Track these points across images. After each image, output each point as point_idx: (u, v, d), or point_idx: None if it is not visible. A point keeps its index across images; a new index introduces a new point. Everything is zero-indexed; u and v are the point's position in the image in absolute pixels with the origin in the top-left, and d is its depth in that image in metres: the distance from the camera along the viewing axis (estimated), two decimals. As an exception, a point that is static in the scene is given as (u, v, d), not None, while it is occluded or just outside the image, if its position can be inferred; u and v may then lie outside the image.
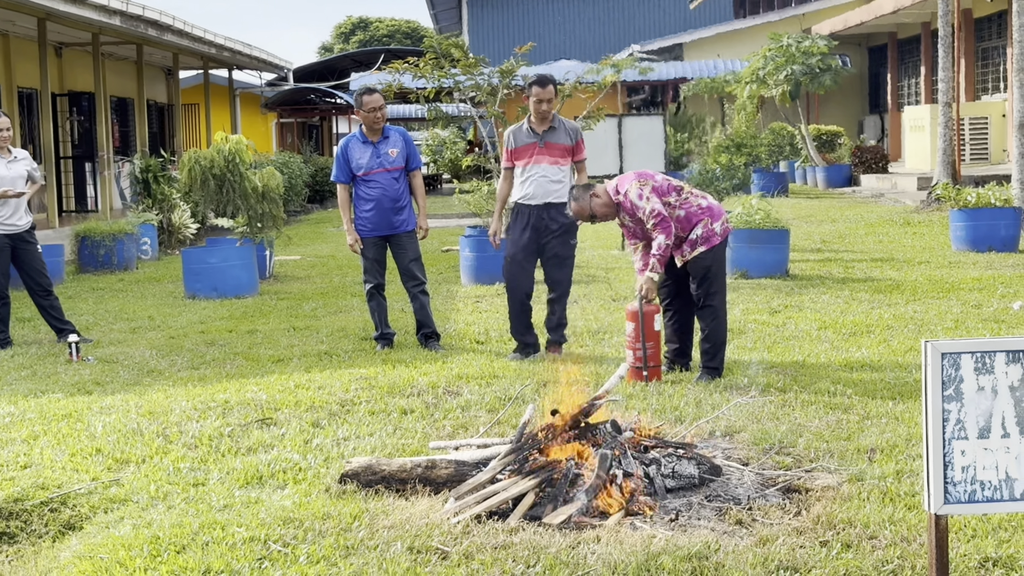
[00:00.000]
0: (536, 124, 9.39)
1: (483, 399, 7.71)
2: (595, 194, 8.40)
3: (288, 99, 40.85)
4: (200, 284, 13.83)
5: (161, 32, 22.98)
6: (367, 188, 9.84)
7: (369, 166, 9.82)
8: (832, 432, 6.67)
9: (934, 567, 3.10)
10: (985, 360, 3.09)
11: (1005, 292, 11.96)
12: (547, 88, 9.24)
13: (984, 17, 28.19)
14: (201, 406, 7.72)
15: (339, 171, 9.97)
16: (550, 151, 9.35)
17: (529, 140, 9.39)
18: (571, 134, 9.44)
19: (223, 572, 4.75)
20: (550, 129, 9.37)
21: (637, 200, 8.19)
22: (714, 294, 8.32)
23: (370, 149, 9.85)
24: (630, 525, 5.24)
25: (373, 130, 9.88)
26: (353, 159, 9.86)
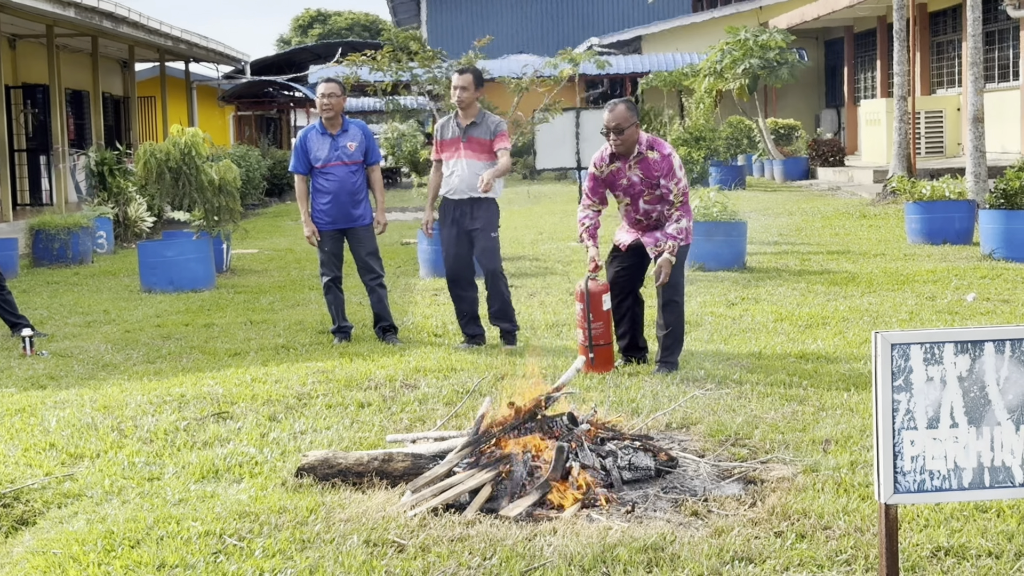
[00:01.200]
0: (462, 118, 9.40)
1: (440, 392, 7.70)
2: (636, 126, 8.18)
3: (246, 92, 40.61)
4: (156, 278, 13.74)
5: (116, 24, 22.80)
6: (324, 180, 9.81)
7: (327, 158, 9.78)
8: (788, 423, 6.71)
9: (884, 556, 3.13)
10: (934, 351, 3.11)
11: (959, 284, 12.07)
12: (464, 76, 9.32)
13: (939, 11, 28.41)
14: (157, 400, 7.68)
15: (297, 162, 9.93)
16: (471, 146, 9.34)
17: (454, 134, 9.42)
18: (491, 128, 9.37)
19: (177, 567, 4.73)
20: (472, 124, 9.35)
21: (678, 170, 8.16)
22: (676, 292, 8.33)
23: (329, 141, 9.82)
24: (586, 517, 5.25)
25: (331, 120, 9.84)
26: (311, 150, 9.83)
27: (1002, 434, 3.19)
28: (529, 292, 12.47)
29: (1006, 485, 3.20)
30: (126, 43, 26.52)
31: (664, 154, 8.13)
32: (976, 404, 3.16)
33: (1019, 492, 3.20)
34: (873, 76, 32.92)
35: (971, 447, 3.17)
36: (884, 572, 3.14)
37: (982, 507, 5.18)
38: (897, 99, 22.26)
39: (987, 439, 3.18)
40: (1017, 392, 3.16)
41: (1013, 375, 3.15)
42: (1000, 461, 3.20)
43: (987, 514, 5.11)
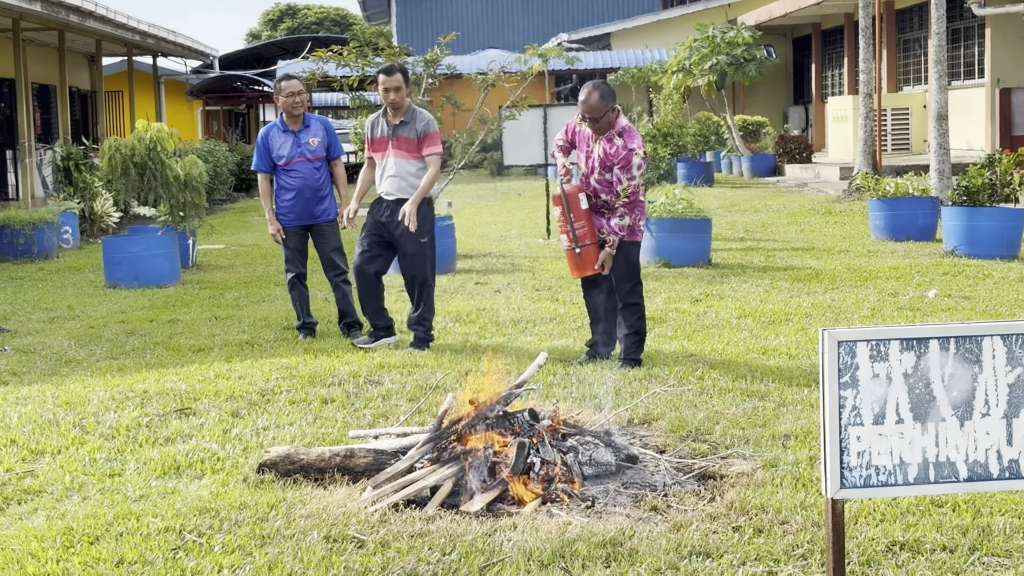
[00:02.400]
0: (391, 116, 9.16)
1: (404, 388, 7.72)
2: (614, 109, 8.15)
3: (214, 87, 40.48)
4: (121, 273, 13.69)
5: (83, 18, 22.68)
6: (288, 178, 9.80)
7: (290, 155, 9.78)
8: (748, 419, 6.76)
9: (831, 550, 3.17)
10: (880, 348, 3.15)
11: (921, 281, 12.16)
12: (394, 76, 9.02)
13: (905, 8, 28.58)
14: (119, 396, 7.67)
15: (259, 160, 9.91)
16: (400, 145, 9.10)
17: (384, 133, 9.19)
18: (419, 129, 9.12)
19: (136, 563, 4.73)
20: (402, 123, 9.11)
21: (635, 169, 8.12)
22: (635, 290, 8.37)
23: (291, 138, 9.80)
24: (546, 512, 5.29)
25: (293, 117, 9.82)
26: (274, 148, 9.82)
27: (947, 430, 3.23)
28: (495, 288, 12.49)
29: (950, 480, 3.25)
30: (93, 37, 26.38)
31: (628, 147, 8.11)
32: (921, 400, 3.21)
33: (963, 487, 3.25)
34: (840, 73, 33.08)
35: (916, 443, 3.21)
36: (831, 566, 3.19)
37: (937, 502, 5.24)
38: (863, 96, 22.40)
39: (932, 435, 3.23)
40: (961, 389, 3.21)
41: (957, 372, 3.19)
42: (945, 456, 3.24)
43: (942, 509, 5.18)
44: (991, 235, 13.83)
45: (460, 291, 12.41)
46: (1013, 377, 3.24)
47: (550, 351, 8.30)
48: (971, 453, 3.25)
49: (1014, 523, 4.97)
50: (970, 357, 3.20)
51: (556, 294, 11.93)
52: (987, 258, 13.62)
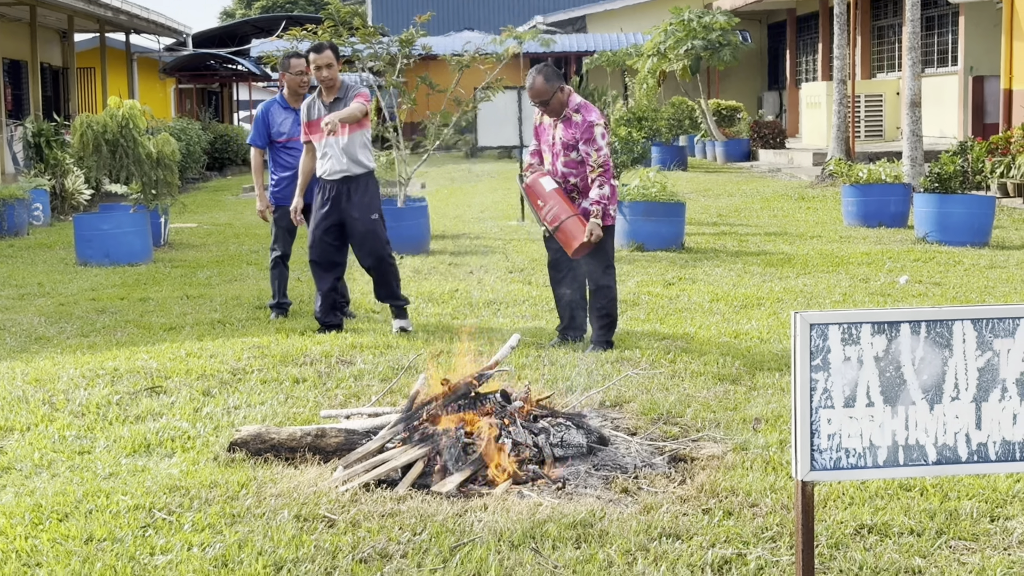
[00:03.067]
0: (325, 95, 9.02)
1: (376, 368, 7.71)
2: (562, 89, 8.15)
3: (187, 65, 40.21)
4: (92, 251, 13.62)
5: (55, -7, 22.50)
6: (287, 155, 9.76)
7: (290, 132, 9.74)
8: (719, 402, 6.79)
9: (800, 532, 3.19)
10: (851, 331, 3.17)
11: (893, 267, 12.22)
12: (324, 53, 8.90)
13: (880, -4, 28.66)
14: (89, 374, 7.63)
15: (256, 135, 9.82)
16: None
17: (320, 113, 9.00)
18: (351, 96, 8.96)
19: (105, 540, 4.72)
20: (336, 100, 8.97)
21: (599, 138, 8.10)
22: (608, 274, 8.37)
23: (292, 115, 9.75)
24: (517, 493, 5.30)
25: (296, 95, 9.79)
26: (274, 124, 9.77)
27: (916, 413, 3.25)
28: (468, 270, 12.49)
29: (919, 463, 3.27)
30: (65, 13, 26.17)
31: (588, 120, 8.11)
32: (892, 384, 3.22)
33: (932, 470, 3.27)
34: (815, 59, 33.15)
35: (886, 426, 3.23)
36: (800, 548, 3.20)
37: (905, 485, 5.28)
38: (837, 82, 22.45)
39: (902, 418, 3.24)
40: (932, 372, 3.23)
41: (928, 355, 3.21)
42: (914, 440, 3.26)
43: (911, 492, 5.21)
44: (962, 222, 13.90)
45: (433, 272, 12.39)
46: (983, 361, 3.26)
47: (522, 333, 8.30)
48: (940, 436, 3.26)
49: (981, 507, 5.01)
50: (940, 341, 3.22)
51: (529, 276, 11.93)
52: (958, 245, 13.69)
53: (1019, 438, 3.31)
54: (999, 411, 3.29)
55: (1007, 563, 4.45)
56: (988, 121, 23.47)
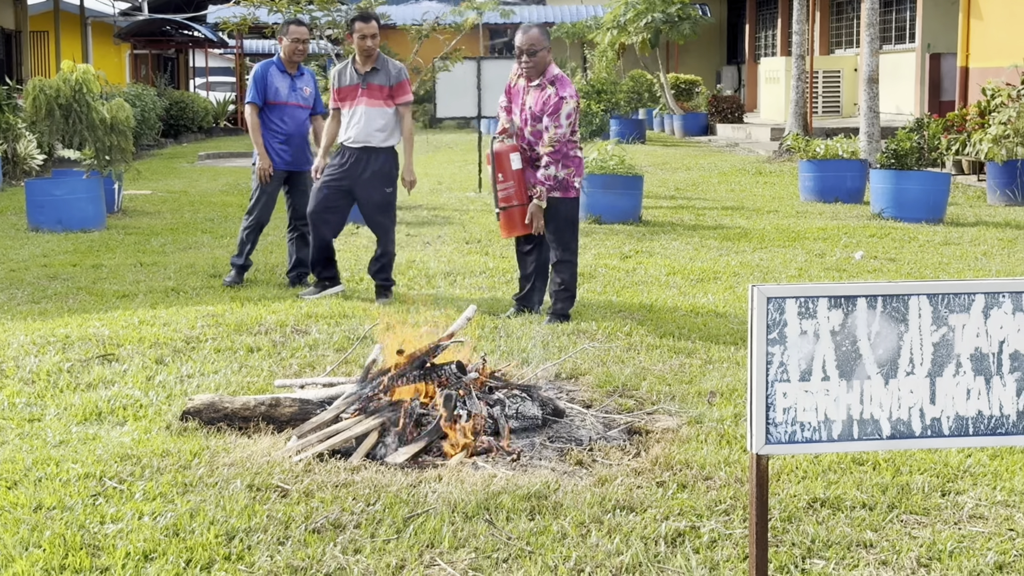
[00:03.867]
0: (360, 64, 9.17)
1: (331, 338, 7.67)
2: (549, 51, 8.20)
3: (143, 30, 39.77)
4: (44, 217, 13.46)
5: (8, -45, 22.18)
6: (281, 121, 9.78)
7: (287, 97, 9.82)
8: (675, 375, 6.80)
9: (754, 505, 3.19)
10: (808, 305, 3.16)
11: (848, 242, 12.28)
12: (370, 23, 9.08)
13: (840, -28, 28.73)
14: (40, 341, 7.55)
15: (255, 92, 9.77)
16: (370, 93, 9.10)
17: (352, 81, 9.17)
18: (391, 75, 9.17)
19: (55, 508, 4.67)
20: (373, 71, 9.13)
21: (564, 117, 8.07)
22: (572, 247, 8.35)
23: (288, 80, 9.84)
24: (472, 465, 5.28)
25: (292, 63, 9.86)
26: (272, 86, 9.76)
27: (872, 387, 3.25)
28: (425, 241, 12.45)
29: (874, 437, 3.28)
30: (18, -25, 25.83)
31: (559, 95, 8.09)
32: (847, 358, 3.22)
33: (886, 444, 3.28)
34: (774, 34, 33.23)
35: (841, 400, 3.23)
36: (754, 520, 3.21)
37: (858, 459, 5.30)
38: (796, 58, 22.51)
39: (857, 392, 3.25)
40: (887, 347, 3.23)
41: (884, 330, 3.21)
42: (869, 414, 3.27)
43: (863, 467, 5.24)
44: (918, 198, 13.98)
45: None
46: (938, 336, 3.27)
47: (479, 304, 8.27)
48: (895, 411, 3.27)
49: (932, 482, 5.05)
50: (897, 316, 3.22)
51: (486, 247, 11.91)
52: (913, 221, 13.78)
53: (972, 413, 3.33)
54: (953, 386, 3.30)
55: (957, 537, 4.49)
56: (944, 98, 23.60)
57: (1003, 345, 3.32)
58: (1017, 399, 3.34)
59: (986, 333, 3.28)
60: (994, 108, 16.78)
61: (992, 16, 20.20)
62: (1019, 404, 3.35)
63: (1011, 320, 3.29)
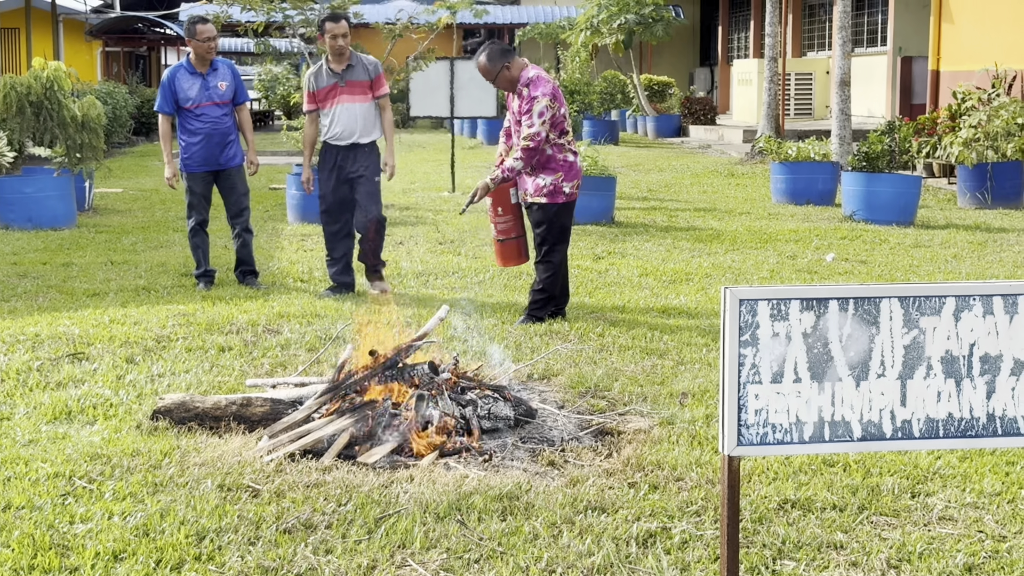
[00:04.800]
0: (334, 63, 9.33)
1: (303, 338, 7.66)
2: (508, 67, 8.23)
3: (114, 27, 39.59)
4: (14, 214, 13.39)
5: (-21, -49, 22.01)
6: (196, 122, 9.60)
7: (198, 99, 9.58)
8: (647, 377, 6.81)
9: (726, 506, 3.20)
10: (780, 307, 3.17)
11: (820, 244, 12.33)
12: (340, 23, 9.23)
13: (812, -25, 28.85)
14: (9, 339, 7.51)
15: (164, 101, 9.68)
16: (351, 89, 9.31)
17: (330, 81, 9.34)
18: (369, 69, 9.40)
19: (24, 508, 4.64)
20: (348, 67, 9.32)
21: (536, 116, 8.08)
22: (554, 251, 8.35)
23: (199, 81, 9.61)
24: (444, 465, 5.28)
25: (203, 61, 9.65)
26: (181, 90, 9.60)
27: (843, 389, 3.27)
28: (397, 240, 12.42)
29: (845, 439, 3.29)
30: (-11, -29, 25.65)
31: (531, 95, 8.13)
32: (819, 360, 3.24)
33: (857, 446, 3.29)
34: (746, 36, 33.33)
35: (813, 402, 3.25)
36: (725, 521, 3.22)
37: (829, 461, 5.32)
38: (768, 60, 22.58)
39: (828, 394, 3.26)
40: (859, 349, 3.25)
41: (855, 332, 3.23)
42: (840, 416, 3.28)
43: (834, 468, 5.26)
44: (889, 201, 14.04)
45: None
46: (909, 339, 3.28)
47: (451, 304, 8.27)
48: (866, 413, 3.29)
49: (902, 484, 5.07)
50: (868, 318, 3.24)
51: (459, 248, 11.90)
52: (884, 224, 13.83)
53: (943, 416, 3.35)
54: (924, 388, 3.32)
55: (927, 538, 4.51)
56: (916, 102, 23.73)
57: (973, 348, 3.34)
58: (987, 402, 3.36)
59: (956, 336, 3.30)
60: (965, 111, 16.88)
61: (963, 20, 20.32)
62: (989, 407, 3.37)
63: (981, 323, 3.31)
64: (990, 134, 15.77)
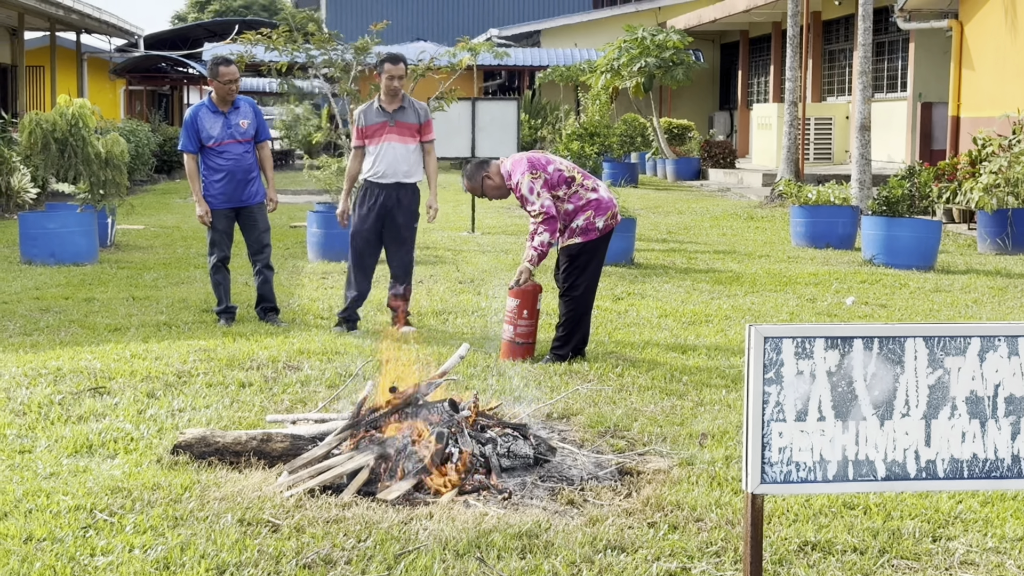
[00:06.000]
0: (386, 102, 9.49)
1: (323, 375, 7.67)
2: (488, 175, 8.46)
3: (138, 66, 39.94)
4: (37, 250, 13.46)
5: (6, -10, 22.25)
6: (219, 159, 9.67)
7: (220, 136, 9.65)
8: (666, 417, 6.80)
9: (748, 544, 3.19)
10: (805, 345, 3.18)
11: (839, 288, 12.31)
12: (399, 65, 9.41)
13: (832, 20, 28.93)
14: (32, 372, 7.54)
15: (187, 140, 9.75)
16: (400, 130, 9.46)
17: (380, 119, 9.48)
18: (419, 113, 9.58)
19: (45, 540, 4.65)
20: (400, 108, 9.48)
21: (528, 194, 8.24)
22: (578, 285, 8.39)
23: (221, 119, 9.68)
24: (463, 503, 5.28)
25: (225, 100, 9.73)
26: (203, 129, 9.68)
27: (867, 428, 3.26)
28: (417, 280, 12.45)
29: (869, 479, 3.28)
30: (15, 10, 25.90)
31: (516, 184, 8.33)
32: (843, 399, 3.24)
33: (881, 486, 3.28)
34: (766, 81, 33.41)
35: (837, 440, 3.24)
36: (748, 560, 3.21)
37: (849, 503, 5.30)
38: (788, 104, 22.64)
39: (852, 433, 3.26)
40: (883, 388, 3.24)
41: (880, 371, 3.23)
42: (864, 455, 3.28)
43: (854, 511, 5.24)
44: (909, 245, 14.03)
45: (383, 280, 12.33)
46: (933, 379, 3.28)
47: (471, 343, 8.28)
48: (890, 452, 3.28)
49: (923, 527, 5.05)
50: (893, 358, 3.24)
51: (479, 287, 11.92)
52: (904, 268, 13.81)
53: (967, 456, 3.34)
54: (948, 429, 3.32)
55: (949, 582, 4.48)
56: (935, 147, 23.73)
57: (998, 388, 3.34)
58: (1012, 443, 3.36)
59: (981, 376, 3.30)
60: (985, 157, 16.88)
61: (983, 67, 20.35)
62: (1014, 448, 3.36)
63: (1006, 364, 3.31)
64: (1010, 180, 15.76)
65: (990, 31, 20.23)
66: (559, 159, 8.57)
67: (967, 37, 20.91)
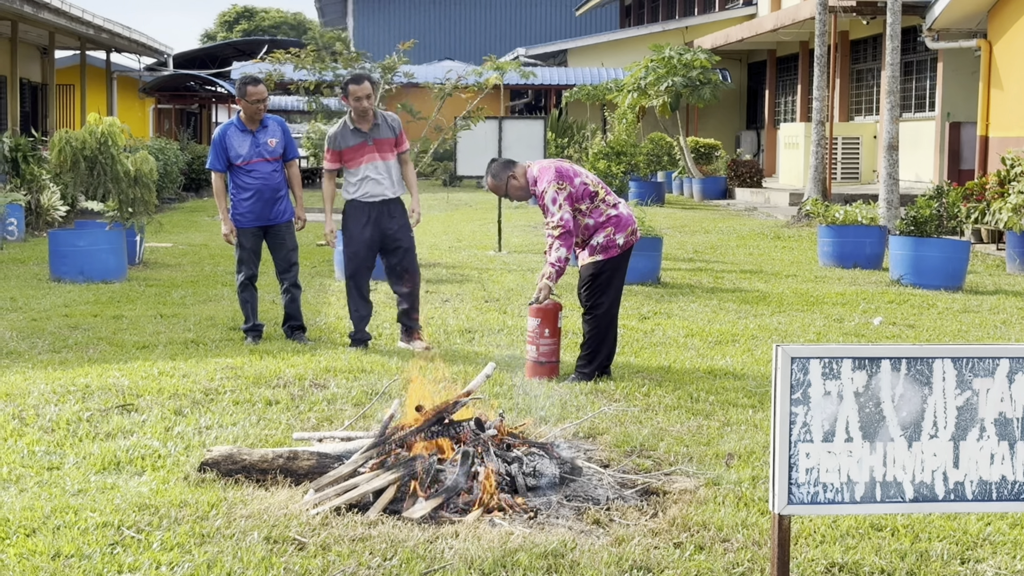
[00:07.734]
0: (359, 123, 9.51)
1: (350, 393, 7.69)
2: (514, 176, 8.48)
3: (167, 85, 40.20)
4: (66, 267, 13.55)
5: (37, 9, 22.45)
6: (247, 178, 9.71)
7: (248, 155, 9.69)
8: (692, 437, 6.78)
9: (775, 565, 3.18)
10: (832, 366, 3.17)
11: (867, 308, 12.26)
12: (363, 84, 9.42)
13: (860, 39, 28.87)
14: (60, 389, 7.58)
15: (215, 159, 9.81)
16: (379, 147, 9.54)
17: (357, 140, 9.51)
18: (393, 127, 9.65)
19: (73, 556, 4.67)
20: (374, 126, 9.52)
21: (551, 204, 8.24)
22: (601, 303, 8.41)
23: (249, 138, 9.72)
24: (489, 522, 5.27)
25: (253, 119, 9.77)
26: (232, 148, 9.72)
27: (895, 450, 3.25)
28: (443, 298, 12.47)
29: (896, 500, 3.27)
30: (46, 29, 26.13)
31: (540, 191, 8.34)
32: (871, 419, 3.22)
33: (909, 507, 3.27)
34: (793, 100, 33.36)
35: (864, 461, 3.23)
36: (775, 581, 3.20)
37: (877, 525, 5.27)
38: (815, 124, 22.58)
39: (880, 454, 3.25)
40: (911, 409, 3.23)
41: (908, 392, 3.21)
42: (892, 476, 3.26)
43: (881, 532, 5.21)
44: (937, 266, 13.96)
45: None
46: (962, 400, 3.27)
47: (498, 362, 8.28)
48: (918, 474, 3.27)
49: (951, 549, 5.01)
50: (921, 379, 3.23)
51: (505, 306, 11.92)
52: (932, 288, 13.75)
53: (996, 478, 3.32)
54: (977, 450, 3.30)
55: (978, 605, 4.45)
56: (964, 167, 23.62)
57: (1027, 410, 3.32)
58: (1041, 465, 3.34)
59: (1011, 398, 3.28)
60: (1014, 177, 16.80)
61: (1012, 86, 20.27)
62: (1043, 470, 3.34)
63: (1035, 385, 3.29)
64: (1039, 200, 15.67)
65: (1019, 51, 20.15)
66: (586, 172, 8.58)
67: (996, 57, 20.83)
